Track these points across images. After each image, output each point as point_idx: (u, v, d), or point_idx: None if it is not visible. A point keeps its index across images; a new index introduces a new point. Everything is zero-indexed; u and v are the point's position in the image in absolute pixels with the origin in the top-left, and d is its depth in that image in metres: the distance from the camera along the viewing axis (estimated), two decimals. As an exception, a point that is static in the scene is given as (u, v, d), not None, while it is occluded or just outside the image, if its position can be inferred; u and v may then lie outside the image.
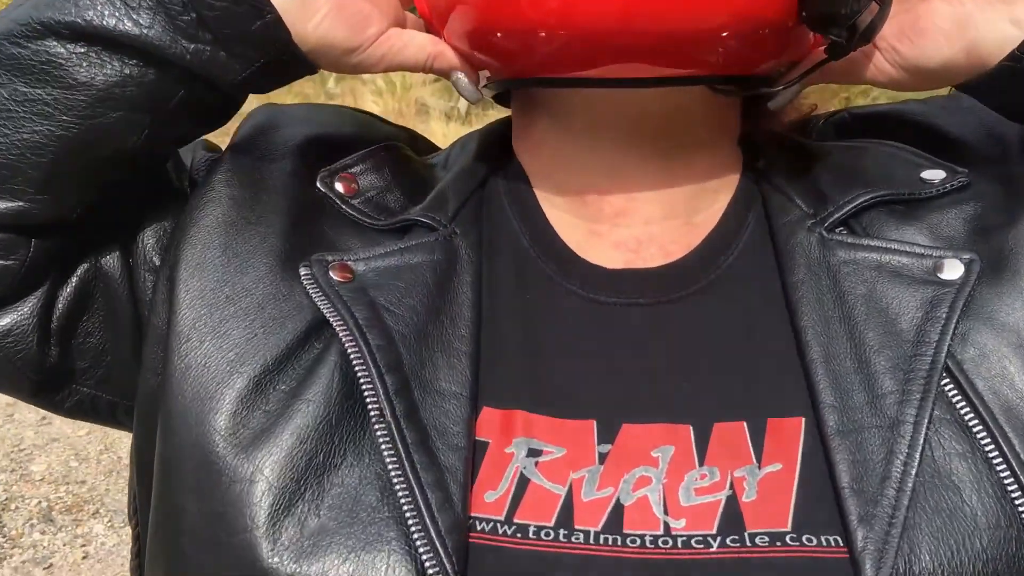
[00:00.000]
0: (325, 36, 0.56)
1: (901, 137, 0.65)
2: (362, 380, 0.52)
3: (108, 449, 3.04)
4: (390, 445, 0.51)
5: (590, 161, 0.61)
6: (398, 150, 0.66)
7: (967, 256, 0.56)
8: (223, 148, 0.66)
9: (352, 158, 0.63)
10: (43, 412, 3.32)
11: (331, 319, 0.54)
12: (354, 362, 0.53)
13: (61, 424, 3.20)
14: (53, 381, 0.62)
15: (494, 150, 0.66)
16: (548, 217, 0.62)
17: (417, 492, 0.49)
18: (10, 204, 0.55)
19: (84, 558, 2.52)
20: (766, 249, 0.60)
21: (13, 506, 2.72)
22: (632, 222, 0.61)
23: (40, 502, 2.75)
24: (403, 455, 0.50)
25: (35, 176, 0.55)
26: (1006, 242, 0.56)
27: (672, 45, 0.53)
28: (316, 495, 0.50)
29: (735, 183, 0.64)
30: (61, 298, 0.60)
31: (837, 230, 0.59)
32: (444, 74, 0.60)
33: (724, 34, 0.53)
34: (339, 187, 0.62)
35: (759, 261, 0.60)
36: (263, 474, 0.51)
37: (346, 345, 0.53)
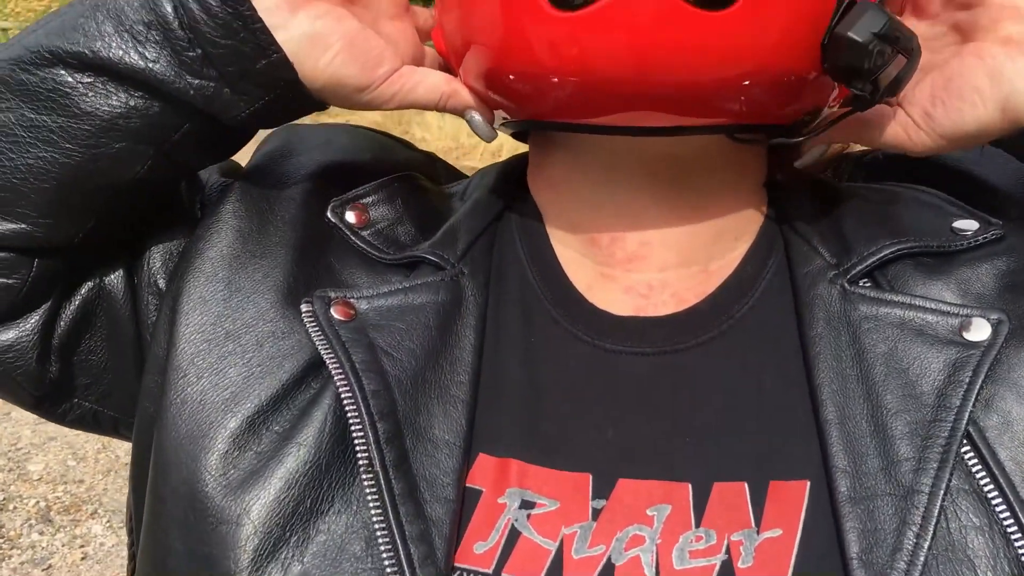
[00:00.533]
0: (335, 74, 0.55)
1: (935, 182, 0.62)
2: (353, 426, 0.52)
3: (106, 448, 3.03)
4: (376, 495, 0.50)
5: (605, 202, 0.60)
6: (413, 180, 0.65)
7: (995, 316, 0.53)
8: (240, 169, 0.66)
9: (365, 188, 0.62)
10: None
11: (327, 360, 0.54)
12: (347, 407, 0.52)
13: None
14: (54, 395, 0.62)
15: (511, 185, 0.65)
16: (559, 257, 0.61)
17: (400, 545, 0.49)
18: (12, 226, 0.55)
19: (83, 559, 2.52)
20: (785, 299, 0.58)
21: (11, 506, 2.72)
22: (645, 267, 0.59)
23: (38, 502, 2.75)
24: (389, 506, 0.50)
25: (38, 201, 0.55)
26: None
27: (689, 95, 0.52)
28: (301, 541, 0.50)
29: (757, 228, 0.61)
30: (64, 315, 0.60)
31: (861, 282, 0.56)
32: (458, 113, 0.59)
33: (745, 83, 0.51)
34: (350, 217, 0.61)
35: (776, 312, 0.58)
36: (250, 517, 0.50)
37: (340, 389, 0.53)
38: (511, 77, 0.54)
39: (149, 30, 0.52)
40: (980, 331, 0.52)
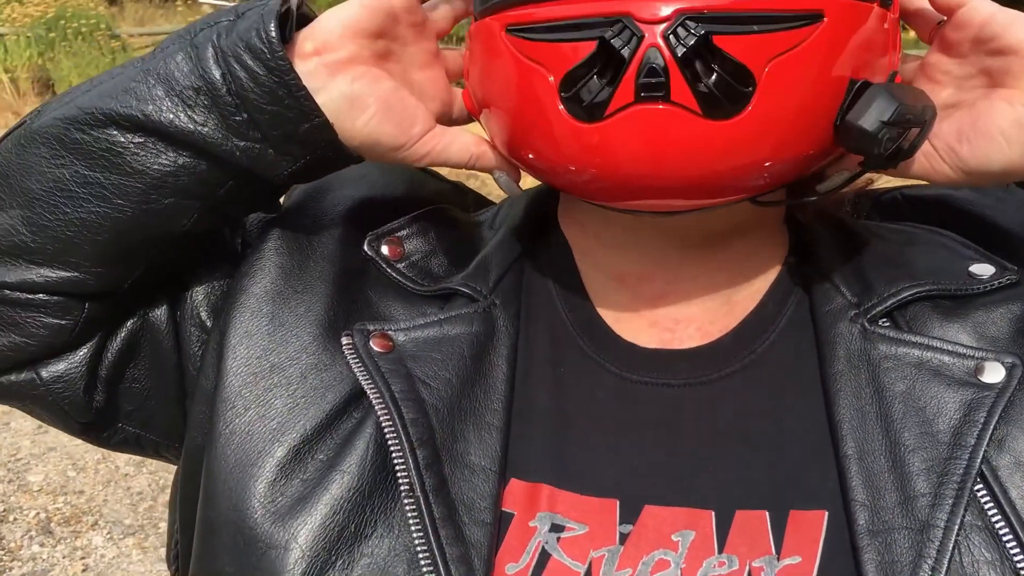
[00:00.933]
0: (372, 134, 0.57)
1: (952, 225, 0.64)
2: (394, 454, 0.54)
3: (106, 459, 3.03)
4: (418, 519, 0.53)
5: (631, 245, 0.62)
6: (445, 213, 0.68)
7: (1009, 360, 0.55)
8: (279, 205, 0.68)
9: (399, 222, 0.65)
10: (39, 422, 3.31)
11: (368, 390, 0.56)
12: (387, 435, 0.54)
13: (57, 433, 3.18)
14: (100, 422, 0.65)
15: (540, 217, 0.67)
16: (588, 291, 0.63)
17: (441, 567, 0.51)
18: (66, 274, 0.58)
19: (84, 571, 2.52)
20: (805, 335, 0.60)
21: (11, 518, 2.71)
22: (671, 303, 0.61)
23: (38, 513, 2.74)
24: (430, 530, 0.52)
25: (91, 252, 0.58)
26: None
27: (706, 186, 0.53)
28: (346, 564, 0.52)
29: (779, 264, 0.63)
30: (110, 348, 0.63)
31: (880, 321, 0.58)
32: (487, 171, 0.62)
33: (762, 167, 0.53)
34: (385, 250, 0.63)
35: (798, 347, 0.60)
36: (297, 542, 0.53)
37: (381, 418, 0.55)
38: (530, 156, 0.56)
39: (198, 95, 0.55)
40: (994, 374, 0.54)
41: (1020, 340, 0.57)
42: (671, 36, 0.48)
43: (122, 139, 0.56)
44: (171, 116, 0.55)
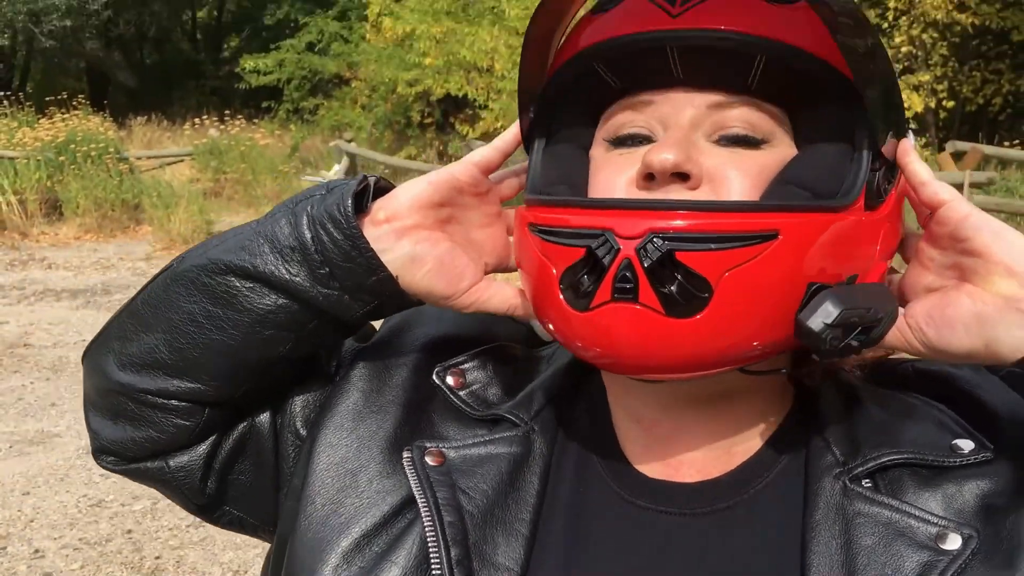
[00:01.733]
0: (427, 286, 0.72)
1: (953, 400, 0.71)
2: (431, 550, 0.66)
3: (99, 583, 2.99)
4: None
5: (646, 396, 0.72)
6: (505, 350, 0.81)
7: (968, 532, 0.62)
8: (370, 335, 0.84)
9: (463, 356, 0.79)
10: (36, 546, 3.27)
11: (418, 497, 0.69)
12: (427, 534, 0.67)
13: (54, 558, 3.16)
14: (211, 505, 0.80)
15: (583, 364, 0.77)
16: (615, 427, 0.74)
17: None
18: (191, 385, 0.74)
19: None
20: (796, 483, 0.68)
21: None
22: (678, 447, 0.71)
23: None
24: None
25: (210, 368, 0.73)
26: (1005, 527, 0.62)
27: (684, 365, 0.61)
28: None
29: (778, 421, 0.71)
30: (224, 446, 0.78)
31: (863, 481, 0.65)
32: (524, 319, 0.75)
33: (734, 351, 0.61)
34: (450, 380, 0.78)
35: (786, 494, 0.68)
36: None
37: (424, 520, 0.68)
38: (549, 326, 0.68)
39: (294, 252, 0.71)
40: (952, 542, 0.62)
41: (981, 515, 0.64)
42: (641, 250, 0.58)
43: (237, 284, 0.72)
44: (273, 268, 0.71)
